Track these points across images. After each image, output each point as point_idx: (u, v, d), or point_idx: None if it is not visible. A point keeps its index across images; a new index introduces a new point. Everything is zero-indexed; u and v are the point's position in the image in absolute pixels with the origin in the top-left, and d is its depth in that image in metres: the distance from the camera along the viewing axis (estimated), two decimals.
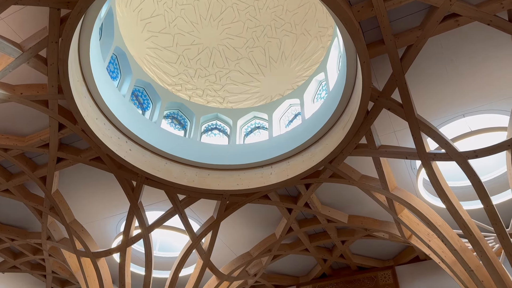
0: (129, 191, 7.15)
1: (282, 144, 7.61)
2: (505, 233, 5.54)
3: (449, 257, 6.53)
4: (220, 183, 7.44)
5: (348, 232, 8.91)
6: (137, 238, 7.74)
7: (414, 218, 7.09)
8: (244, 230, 8.82)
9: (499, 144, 5.44)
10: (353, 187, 7.61)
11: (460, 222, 5.90)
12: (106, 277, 8.23)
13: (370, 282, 9.87)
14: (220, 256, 9.31)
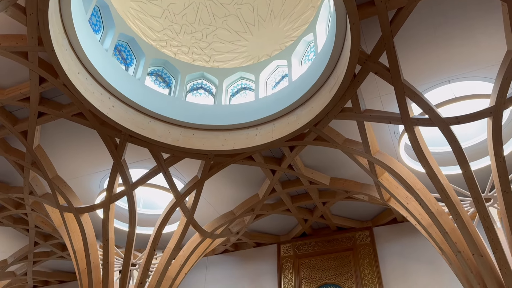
0: (112, 148, 7.10)
1: (268, 105, 7.58)
2: (480, 197, 5.74)
3: (425, 219, 6.76)
4: (205, 143, 7.44)
5: (329, 194, 9.11)
6: (120, 195, 7.76)
7: (394, 182, 7.26)
8: (228, 190, 8.93)
9: (481, 111, 5.52)
10: (336, 150, 7.70)
11: (438, 186, 6.07)
12: (90, 232, 8.31)
13: (348, 241, 10.22)
14: (204, 214, 9.45)
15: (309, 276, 10.17)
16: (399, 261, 9.54)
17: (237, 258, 11.35)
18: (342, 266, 9.95)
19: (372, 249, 9.83)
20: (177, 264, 8.80)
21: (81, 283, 8.33)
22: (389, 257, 9.70)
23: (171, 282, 8.59)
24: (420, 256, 9.37)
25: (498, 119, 5.42)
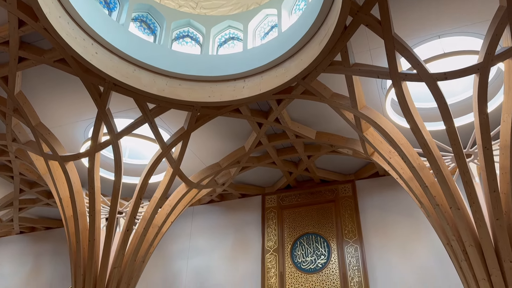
0: (96, 96, 6.96)
1: (256, 57, 7.45)
2: (461, 153, 5.87)
3: (407, 173, 6.93)
4: (191, 94, 7.35)
5: (314, 147, 9.21)
6: (105, 144, 7.72)
7: (378, 136, 7.35)
8: (214, 142, 8.95)
9: (468, 67, 5.53)
10: (323, 105, 7.70)
11: (421, 142, 6.18)
12: (75, 181, 8.33)
13: (331, 194, 10.49)
14: (190, 165, 9.51)
15: (292, 226, 10.49)
16: (379, 213, 9.88)
17: (222, 208, 11.59)
18: (324, 217, 10.27)
19: (354, 201, 10.14)
20: (164, 213, 8.96)
21: (68, 230, 8.45)
22: (369, 209, 10.03)
23: (158, 230, 8.78)
24: (400, 209, 9.71)
25: (485, 76, 5.45)
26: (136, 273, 8.45)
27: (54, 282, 12.23)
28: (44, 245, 13.05)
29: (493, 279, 5.68)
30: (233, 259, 10.72)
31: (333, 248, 9.82)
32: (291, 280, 9.80)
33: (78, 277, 7.97)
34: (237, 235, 11.02)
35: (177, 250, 11.39)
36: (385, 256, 9.35)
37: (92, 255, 7.96)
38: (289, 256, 10.11)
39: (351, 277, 9.30)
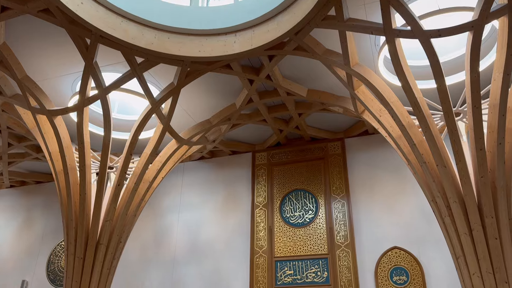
0: (83, 49, 6.78)
1: (248, 10, 7.23)
2: (451, 111, 5.91)
3: (396, 131, 6.99)
4: (180, 48, 7.17)
5: (305, 105, 9.19)
6: (94, 98, 7.60)
7: (369, 94, 7.34)
8: (205, 98, 8.87)
9: (462, 24, 5.45)
10: (315, 62, 7.60)
11: (412, 100, 6.19)
12: (64, 135, 8.27)
13: (320, 151, 10.60)
14: (180, 122, 9.46)
15: (281, 182, 10.66)
16: (367, 171, 10.06)
17: (213, 164, 11.68)
18: (313, 174, 10.43)
19: (342, 159, 10.28)
20: (154, 169, 9.01)
21: (58, 184, 8.48)
22: (357, 166, 10.20)
23: (149, 185, 8.85)
24: (387, 166, 9.89)
25: (478, 33, 5.39)
26: (128, 226, 8.59)
27: (46, 235, 12.43)
28: (35, 198, 13.14)
29: (475, 233, 5.89)
30: (223, 214, 10.94)
31: (320, 203, 10.05)
32: (279, 233, 10.08)
33: (70, 229, 8.09)
34: (227, 191, 11.19)
35: (168, 204, 11.56)
36: (371, 212, 9.62)
37: (84, 208, 8.05)
38: (278, 211, 10.34)
39: (337, 231, 9.59)
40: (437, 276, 8.56)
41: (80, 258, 7.91)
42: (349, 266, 9.16)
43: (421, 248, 8.87)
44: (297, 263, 9.64)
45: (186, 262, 10.66)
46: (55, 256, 12.04)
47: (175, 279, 10.54)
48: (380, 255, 9.10)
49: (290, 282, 9.52)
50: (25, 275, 11.97)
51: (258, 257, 9.94)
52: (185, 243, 10.91)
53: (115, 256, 8.29)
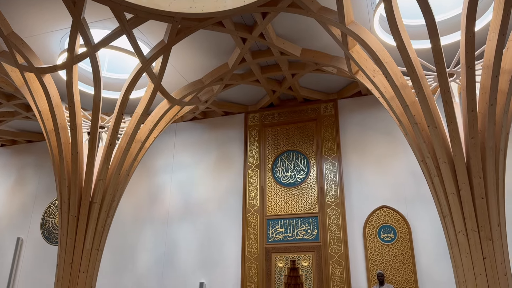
0: (70, 4, 6.53)
1: None
2: (444, 72, 5.88)
3: (389, 92, 6.97)
4: (171, 4, 6.94)
5: (299, 65, 9.08)
6: (83, 56, 7.43)
7: (363, 54, 7.25)
8: (197, 58, 8.70)
9: None
10: (309, 20, 7.44)
11: (406, 60, 6.13)
12: (54, 94, 8.14)
13: (313, 112, 10.59)
14: (172, 81, 9.34)
15: (274, 143, 10.71)
16: (359, 132, 10.12)
17: (205, 125, 11.66)
18: (305, 135, 10.47)
19: (335, 120, 10.30)
20: (146, 129, 8.96)
21: (50, 143, 8.43)
22: (350, 127, 10.24)
23: (141, 145, 8.83)
24: (379, 128, 9.94)
25: None
26: (121, 186, 8.65)
27: (39, 194, 12.50)
28: (26, 157, 13.11)
29: (462, 193, 6.02)
30: (216, 174, 11.04)
31: (312, 164, 10.16)
32: (271, 193, 10.24)
33: (63, 188, 8.13)
34: (220, 151, 11.23)
35: (161, 165, 11.61)
36: (361, 172, 9.76)
37: (76, 168, 8.05)
38: (270, 171, 10.45)
39: (328, 191, 9.76)
40: (423, 234, 8.83)
41: (74, 216, 7.99)
42: (339, 224, 9.39)
43: (409, 207, 9.09)
44: (288, 221, 9.86)
45: (180, 220, 10.85)
46: (49, 214, 12.18)
47: (169, 237, 10.76)
48: (369, 214, 9.32)
49: (281, 239, 9.76)
50: (20, 233, 12.14)
51: (250, 216, 10.14)
52: (179, 202, 11.06)
53: (109, 215, 8.39)
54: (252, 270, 9.65)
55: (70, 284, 7.65)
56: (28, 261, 11.77)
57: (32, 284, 11.39)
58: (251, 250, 9.84)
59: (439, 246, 8.54)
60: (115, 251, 10.90)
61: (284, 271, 9.47)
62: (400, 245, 8.89)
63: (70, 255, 7.82)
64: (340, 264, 9.08)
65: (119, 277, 10.72)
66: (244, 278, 9.66)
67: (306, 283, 9.25)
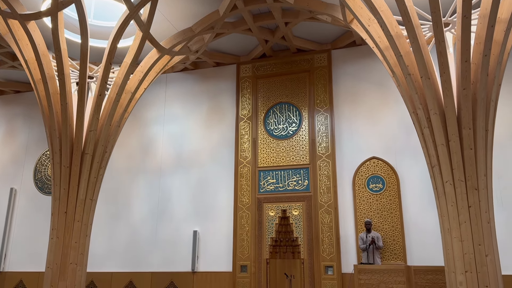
0: None
1: None
2: (440, 21, 5.76)
3: (383, 42, 6.84)
4: None
5: (292, 13, 8.83)
6: (67, 2, 7.14)
7: (359, 2, 7.04)
8: (186, 4, 8.40)
9: None
10: None
11: (402, 8, 5.98)
12: (39, 42, 7.89)
13: (306, 63, 10.45)
14: (161, 30, 9.04)
15: (266, 95, 10.63)
16: (352, 83, 10.06)
17: (196, 76, 11.48)
18: (298, 87, 10.39)
19: (328, 71, 10.19)
20: (136, 79, 8.80)
21: (38, 93, 8.28)
22: (343, 78, 10.16)
23: (131, 96, 8.71)
24: (372, 78, 9.88)
25: None
26: (112, 137, 8.61)
27: (30, 144, 12.45)
28: (15, 108, 12.91)
29: (451, 144, 6.08)
30: (208, 126, 11.02)
31: (304, 116, 10.16)
32: (263, 145, 10.30)
33: (54, 139, 8.08)
34: (212, 103, 11.14)
35: (152, 116, 11.53)
36: (353, 124, 9.81)
37: (66, 118, 7.96)
38: (262, 123, 10.45)
39: (319, 143, 9.84)
40: (411, 184, 9.03)
41: (67, 167, 8.00)
42: (329, 175, 9.55)
43: (399, 158, 9.23)
44: (280, 172, 10.00)
45: (173, 171, 10.94)
46: (41, 165, 12.20)
47: (162, 187, 10.90)
48: (358, 165, 9.47)
49: (273, 189, 9.94)
50: (13, 184, 12.20)
51: (242, 167, 10.25)
52: (171, 153, 11.10)
53: (101, 165, 8.41)
54: (244, 219, 9.89)
55: (65, 233, 7.80)
56: (22, 211, 11.92)
57: (28, 233, 11.61)
58: (243, 200, 10.03)
59: (426, 195, 8.77)
60: (109, 201, 11.05)
61: (275, 220, 9.72)
62: (388, 194, 9.11)
63: (64, 205, 7.92)
64: (329, 213, 9.33)
65: (114, 226, 10.95)
66: (236, 227, 9.92)
67: (296, 231, 9.53)
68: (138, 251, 10.59)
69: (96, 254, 10.36)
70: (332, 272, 9.02)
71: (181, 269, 10.16)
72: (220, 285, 9.78)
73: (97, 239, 10.42)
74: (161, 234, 10.55)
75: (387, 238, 8.89)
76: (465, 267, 5.72)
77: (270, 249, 9.63)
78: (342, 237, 9.20)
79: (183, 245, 10.28)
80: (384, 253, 8.83)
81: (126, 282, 10.50)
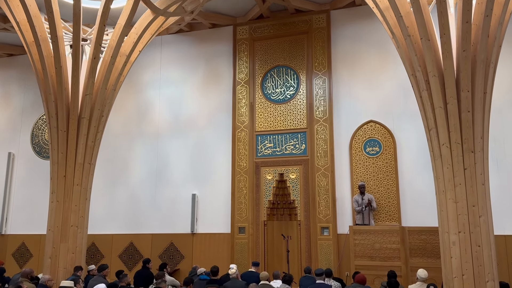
0: None
1: None
2: None
3: (383, 2, 6.68)
4: None
5: None
6: None
7: None
8: None
9: None
10: None
11: None
12: (31, 3, 7.67)
13: (304, 25, 10.24)
14: None
15: (263, 58, 10.48)
16: (351, 45, 9.90)
17: (192, 38, 11.26)
18: (296, 49, 10.23)
19: (327, 33, 10.00)
20: (130, 41, 8.62)
21: (32, 56, 8.14)
22: (341, 40, 10.00)
23: (126, 58, 8.56)
24: (371, 41, 9.72)
25: None
26: (109, 101, 8.53)
27: (26, 109, 12.36)
28: (9, 72, 12.72)
29: (449, 107, 6.06)
30: (204, 90, 10.93)
31: (302, 80, 10.06)
32: (260, 109, 10.26)
33: (50, 103, 8.01)
34: (208, 66, 11.00)
35: (148, 80, 11.41)
36: (351, 87, 9.74)
37: (61, 82, 7.86)
38: (260, 87, 10.36)
39: (317, 107, 9.80)
40: (408, 147, 9.09)
41: (64, 131, 7.98)
42: (326, 139, 9.58)
43: (396, 121, 9.24)
44: (277, 136, 10.02)
45: (170, 136, 10.95)
46: (38, 130, 12.16)
47: (160, 152, 10.94)
48: (356, 128, 9.48)
49: (270, 153, 10.00)
50: (10, 148, 12.20)
51: (240, 132, 10.25)
52: (168, 118, 11.06)
53: (98, 130, 8.38)
54: (242, 183, 10.00)
55: (65, 196, 7.88)
56: (21, 176, 11.99)
57: (28, 196, 11.73)
58: (240, 164, 10.10)
59: (422, 159, 8.83)
60: (108, 165, 11.10)
61: (272, 183, 9.83)
62: (385, 158, 9.18)
63: (63, 169, 7.95)
64: (326, 176, 9.42)
65: (113, 190, 11.06)
66: (234, 190, 10.04)
67: (293, 194, 9.66)
68: (138, 214, 10.76)
69: (96, 217, 10.51)
70: (328, 233, 9.22)
71: (181, 231, 10.36)
72: (219, 246, 10.01)
73: (97, 202, 10.54)
74: (160, 197, 10.68)
75: (382, 200, 9.03)
76: (458, 227, 5.85)
77: (268, 211, 9.79)
78: (338, 199, 9.34)
79: (182, 208, 10.44)
80: (379, 214, 9.01)
81: (127, 243, 10.73)
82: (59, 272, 7.53)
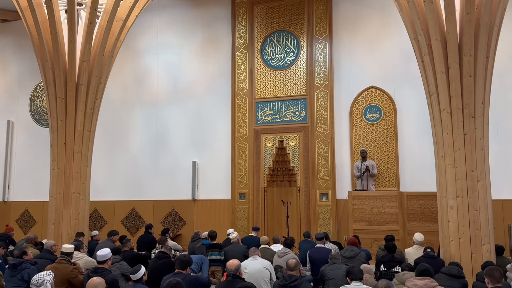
0: None
1: None
2: None
3: None
4: None
5: None
6: None
7: None
8: None
9: None
10: None
11: None
12: None
13: None
14: None
15: (263, 23, 10.26)
16: (352, 8, 9.69)
17: (189, 2, 11.01)
18: (296, 13, 10.00)
19: None
20: (126, 6, 8.41)
21: (26, 22, 7.96)
22: (343, 4, 9.78)
23: (122, 23, 8.38)
24: (373, 3, 9.51)
25: None
26: (106, 67, 8.42)
27: (23, 76, 12.23)
28: (4, 38, 12.51)
29: (451, 71, 5.99)
30: (203, 56, 10.78)
31: (302, 45, 9.90)
32: (260, 76, 10.15)
33: (47, 70, 7.91)
34: (206, 31, 10.80)
35: (145, 45, 11.23)
36: (352, 52, 9.60)
37: (57, 48, 7.73)
38: (259, 53, 10.21)
39: (317, 73, 9.69)
40: (408, 113, 9.06)
41: (62, 98, 7.91)
42: (326, 105, 9.53)
43: (397, 87, 9.16)
44: (277, 103, 9.96)
45: (169, 103, 10.89)
46: (36, 97, 12.08)
47: (159, 119, 10.91)
48: (356, 95, 9.42)
49: (270, 121, 9.97)
50: (9, 116, 12.16)
51: (239, 99, 10.18)
52: (167, 85, 10.97)
53: (97, 97, 8.31)
54: (242, 150, 10.03)
55: (66, 163, 7.91)
56: (21, 143, 12.02)
57: (29, 164, 11.80)
58: (240, 131, 10.09)
59: (422, 125, 8.80)
60: (108, 133, 11.10)
61: (272, 150, 9.86)
62: (385, 124, 9.17)
63: (62, 136, 7.94)
64: (325, 143, 9.44)
65: (114, 157, 11.11)
66: (234, 157, 10.08)
67: (292, 160, 9.71)
68: (139, 181, 10.85)
69: (98, 184, 10.61)
70: (327, 198, 9.33)
71: (182, 197, 10.49)
72: (220, 212, 10.15)
73: (98, 169, 10.60)
74: (161, 164, 10.74)
75: (382, 166, 9.09)
76: (456, 192, 5.90)
77: (268, 178, 9.87)
78: (338, 166, 9.40)
79: (183, 175, 10.51)
80: (378, 180, 9.08)
81: (129, 209, 10.88)
82: (63, 238, 7.66)
